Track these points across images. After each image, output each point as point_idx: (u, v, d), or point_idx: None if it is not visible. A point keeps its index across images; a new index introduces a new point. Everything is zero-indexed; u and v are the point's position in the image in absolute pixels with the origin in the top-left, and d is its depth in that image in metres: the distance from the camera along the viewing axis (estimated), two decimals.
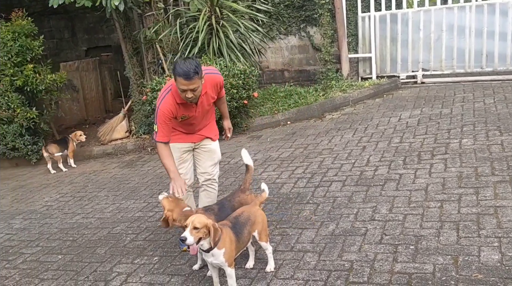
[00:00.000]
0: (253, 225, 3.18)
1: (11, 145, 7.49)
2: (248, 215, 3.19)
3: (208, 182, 3.87)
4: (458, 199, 3.84)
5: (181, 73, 3.19)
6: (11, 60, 7.21)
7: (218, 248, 2.92)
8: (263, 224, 3.24)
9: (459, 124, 5.68)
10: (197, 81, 3.24)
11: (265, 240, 3.25)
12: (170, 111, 3.41)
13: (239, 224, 3.12)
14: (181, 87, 3.26)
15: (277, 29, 9.13)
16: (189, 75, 3.18)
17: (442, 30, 8.08)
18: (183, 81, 3.21)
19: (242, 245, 3.13)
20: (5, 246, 4.58)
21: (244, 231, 3.11)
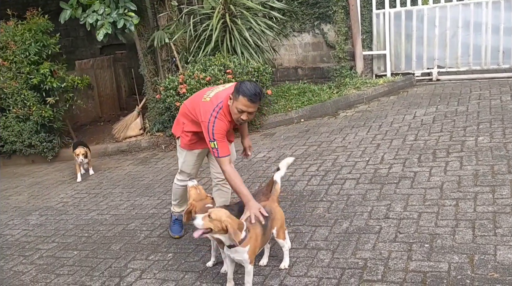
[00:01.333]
0: (273, 220, 3.17)
1: (27, 142, 7.60)
2: (270, 210, 3.18)
3: (222, 182, 3.85)
4: (474, 198, 3.79)
5: (249, 94, 3.16)
6: (28, 58, 7.31)
7: (243, 246, 2.92)
8: (281, 221, 3.24)
9: (475, 122, 5.61)
10: (257, 105, 3.26)
11: (282, 237, 3.25)
12: (225, 129, 3.40)
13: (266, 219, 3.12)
14: (241, 108, 3.22)
15: (291, 26, 9.11)
16: (255, 98, 3.19)
17: (458, 26, 7.98)
18: (246, 103, 3.19)
19: (265, 241, 3.14)
20: (21, 242, 4.65)
21: (268, 225, 3.11)
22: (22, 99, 7.31)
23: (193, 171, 3.88)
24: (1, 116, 7.59)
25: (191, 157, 3.81)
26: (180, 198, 4.05)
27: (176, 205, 4.10)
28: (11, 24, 7.55)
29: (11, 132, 7.56)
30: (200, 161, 3.92)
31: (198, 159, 3.86)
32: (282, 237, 3.25)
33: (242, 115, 3.27)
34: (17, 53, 7.29)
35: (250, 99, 3.18)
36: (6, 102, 7.44)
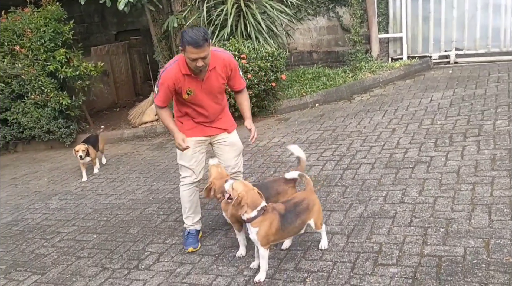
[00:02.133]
0: (310, 214, 3.15)
1: (46, 128, 7.73)
2: (308, 204, 3.15)
3: (233, 175, 3.74)
4: (491, 182, 3.76)
5: (191, 41, 3.13)
6: (44, 45, 7.38)
7: (252, 226, 2.97)
8: (319, 213, 3.22)
9: (493, 105, 5.53)
10: (207, 48, 3.20)
11: (319, 227, 3.25)
12: (173, 78, 3.38)
13: (295, 213, 3.09)
14: (191, 56, 3.20)
15: (305, 10, 9.01)
16: (199, 43, 3.14)
17: (476, 8, 7.81)
18: (193, 50, 3.16)
19: (287, 234, 3.13)
20: (43, 226, 4.76)
21: (296, 221, 3.08)
22: (39, 86, 7.42)
23: (192, 161, 3.63)
24: (20, 103, 7.71)
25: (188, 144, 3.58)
26: (189, 205, 3.76)
27: (187, 217, 3.81)
28: (27, 11, 7.62)
29: (30, 118, 7.69)
30: (200, 155, 3.68)
31: (196, 151, 3.64)
32: (319, 228, 3.25)
33: (196, 62, 3.22)
34: (33, 41, 7.37)
35: (196, 46, 3.14)
36: (25, 88, 7.55)
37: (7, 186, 6.45)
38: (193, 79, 3.41)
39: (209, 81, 3.46)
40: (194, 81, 3.42)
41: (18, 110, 7.73)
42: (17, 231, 4.73)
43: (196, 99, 3.51)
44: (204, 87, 3.46)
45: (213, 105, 3.59)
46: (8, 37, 7.54)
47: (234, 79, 3.61)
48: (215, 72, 3.46)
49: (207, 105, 3.56)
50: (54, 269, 3.79)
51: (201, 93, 3.48)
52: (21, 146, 8.46)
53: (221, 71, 3.48)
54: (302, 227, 3.18)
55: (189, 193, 3.72)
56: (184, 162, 3.66)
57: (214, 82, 3.49)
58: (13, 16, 7.67)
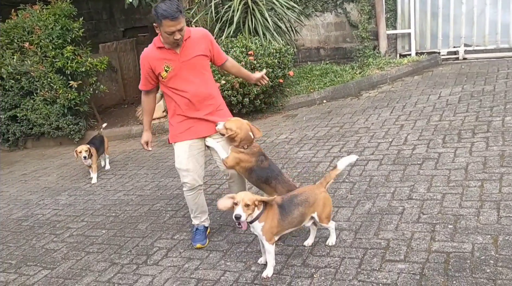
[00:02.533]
0: (311, 207, 3.13)
1: (55, 125, 7.79)
2: (307, 197, 3.14)
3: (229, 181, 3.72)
4: (500, 178, 3.75)
5: (167, 14, 3.12)
6: (53, 42, 7.43)
7: (259, 221, 2.99)
8: (324, 207, 3.17)
9: (502, 101, 5.50)
10: (182, 19, 3.19)
11: (325, 222, 3.22)
12: (149, 56, 3.40)
13: (291, 204, 3.10)
14: (168, 30, 3.18)
15: (313, 6, 8.99)
16: (174, 15, 3.13)
17: (485, 3, 7.76)
18: (169, 23, 3.14)
19: (288, 225, 3.12)
20: (52, 221, 4.81)
21: (294, 212, 3.09)
22: (48, 83, 7.47)
23: (189, 165, 3.53)
24: (29, 99, 7.77)
25: (181, 150, 3.55)
26: (194, 208, 3.72)
27: (194, 217, 3.78)
28: (36, 8, 7.68)
29: (39, 115, 7.75)
30: (197, 157, 3.58)
31: (191, 154, 3.54)
32: (325, 222, 3.21)
33: (174, 35, 3.21)
34: (42, 37, 7.42)
35: (172, 18, 3.13)
36: (34, 85, 7.61)
37: (17, 182, 6.52)
38: (169, 52, 3.37)
39: (186, 51, 3.39)
40: (170, 54, 3.38)
41: (27, 107, 7.80)
42: (27, 227, 4.78)
43: (177, 78, 3.42)
44: (182, 59, 3.39)
45: (197, 85, 3.45)
46: (18, 34, 7.60)
47: (217, 51, 3.58)
48: (191, 41, 3.40)
49: (191, 85, 3.43)
50: (64, 264, 3.83)
51: (180, 69, 3.40)
52: (30, 142, 8.54)
53: (198, 40, 3.43)
54: (304, 219, 3.15)
55: (193, 197, 3.67)
56: (181, 165, 3.56)
57: (191, 51, 3.40)
58: (22, 14, 7.73)
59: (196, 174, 3.58)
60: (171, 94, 3.51)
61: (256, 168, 3.46)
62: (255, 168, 3.46)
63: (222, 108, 3.65)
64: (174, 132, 3.61)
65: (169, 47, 3.36)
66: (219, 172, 5.15)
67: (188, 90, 3.44)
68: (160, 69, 3.40)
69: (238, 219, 2.88)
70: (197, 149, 3.59)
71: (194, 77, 3.45)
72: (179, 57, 3.39)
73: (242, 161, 3.46)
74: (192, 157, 3.55)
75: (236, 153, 3.46)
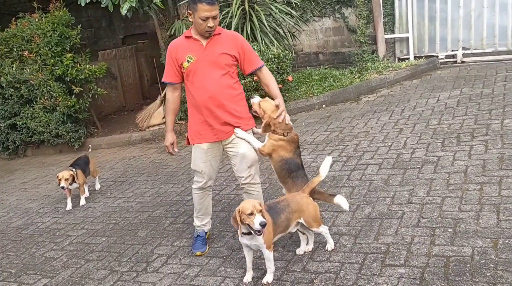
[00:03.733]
0: (294, 212, 3.14)
1: (55, 133, 7.79)
2: (288, 203, 3.16)
3: (247, 185, 3.59)
4: (499, 181, 3.75)
5: None
6: (52, 50, 7.46)
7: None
8: (309, 212, 3.16)
9: (501, 104, 5.50)
10: (217, 7, 3.20)
11: (315, 226, 3.21)
12: (175, 45, 3.41)
13: (276, 209, 3.12)
14: (203, 15, 3.15)
15: (311, 11, 9.03)
16: (213, 0, 3.13)
17: (483, 7, 7.79)
18: (206, 7, 3.12)
19: (279, 229, 3.13)
20: (52, 229, 4.81)
21: (281, 215, 3.11)
22: (48, 90, 7.49)
23: (205, 169, 3.53)
24: (29, 107, 7.79)
25: (199, 153, 3.53)
26: (199, 207, 3.72)
27: (197, 217, 3.78)
28: (35, 17, 7.71)
29: (39, 123, 7.76)
30: (213, 162, 3.57)
31: (209, 157, 3.53)
32: (315, 226, 3.21)
33: (207, 22, 3.18)
34: (41, 46, 7.44)
35: (209, 2, 3.12)
36: (34, 93, 7.63)
37: (17, 190, 6.52)
38: (195, 42, 3.35)
39: (212, 46, 3.34)
40: (195, 45, 3.35)
41: (27, 115, 7.81)
42: (27, 235, 4.78)
43: (198, 72, 3.34)
44: (206, 53, 3.33)
45: (218, 83, 3.35)
46: (17, 42, 7.63)
47: (248, 56, 3.45)
48: (220, 39, 3.35)
49: (212, 82, 3.34)
50: (64, 272, 3.82)
51: (203, 63, 3.33)
52: (30, 150, 8.54)
53: (227, 39, 3.38)
54: (289, 224, 3.15)
55: (199, 196, 3.68)
56: (197, 168, 3.57)
57: (217, 47, 3.34)
58: (21, 22, 7.76)
59: (208, 177, 3.60)
60: (190, 90, 3.43)
61: (290, 160, 3.34)
62: (290, 160, 3.34)
63: (243, 113, 3.51)
64: (192, 133, 3.55)
65: (197, 38, 3.33)
66: (218, 178, 5.16)
67: (208, 87, 3.36)
68: (182, 59, 3.36)
69: (264, 226, 2.84)
70: (213, 153, 3.55)
71: (216, 74, 3.36)
72: (204, 50, 3.34)
73: (281, 148, 3.34)
74: (208, 162, 3.55)
75: (275, 140, 3.35)
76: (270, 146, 3.36)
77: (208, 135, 3.49)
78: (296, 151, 3.38)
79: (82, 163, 5.54)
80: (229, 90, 3.42)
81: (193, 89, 3.42)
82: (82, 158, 5.69)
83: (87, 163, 5.61)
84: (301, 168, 3.42)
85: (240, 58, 3.43)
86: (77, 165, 5.47)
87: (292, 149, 3.36)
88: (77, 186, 5.32)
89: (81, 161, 5.59)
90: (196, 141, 3.54)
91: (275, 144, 3.35)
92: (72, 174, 5.21)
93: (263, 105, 3.40)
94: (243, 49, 3.43)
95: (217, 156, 3.60)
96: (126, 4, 6.06)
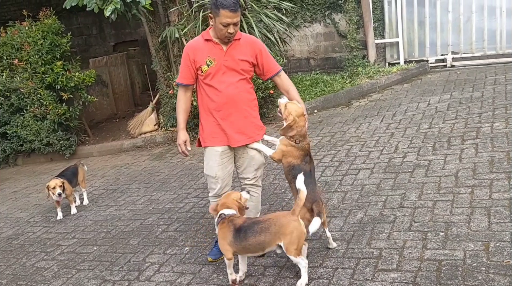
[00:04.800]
0: (274, 235, 2.94)
1: (45, 141, 7.74)
2: (269, 226, 2.96)
3: (249, 185, 3.56)
4: (490, 185, 3.77)
5: (228, 4, 3.08)
6: (42, 58, 7.42)
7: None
8: (291, 237, 2.90)
9: (491, 108, 5.54)
10: (239, 14, 3.17)
11: (293, 254, 2.93)
12: (194, 46, 3.32)
13: (250, 231, 2.98)
14: (225, 21, 3.11)
15: (302, 17, 9.06)
16: (236, 7, 3.10)
17: (471, 11, 7.86)
18: (228, 13, 3.09)
19: (244, 250, 3.05)
20: (43, 239, 4.76)
21: (250, 239, 2.97)
22: (38, 99, 7.44)
23: (219, 173, 3.43)
24: (19, 116, 7.73)
25: (213, 156, 3.43)
26: None
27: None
28: (25, 25, 7.67)
29: (29, 131, 7.70)
30: (227, 165, 3.47)
31: (224, 160, 3.44)
32: (293, 254, 2.93)
33: (228, 28, 3.15)
34: (31, 54, 7.41)
35: (232, 9, 3.09)
36: (24, 102, 7.58)
37: (7, 199, 6.45)
38: (215, 46, 3.29)
39: (233, 51, 3.31)
40: (216, 49, 3.29)
41: (17, 124, 7.75)
42: (17, 245, 4.73)
43: (216, 76, 3.30)
44: (226, 58, 3.29)
45: (234, 89, 3.33)
46: (7, 51, 7.58)
47: (267, 61, 3.42)
48: (239, 44, 3.33)
49: (228, 87, 3.31)
50: (55, 282, 3.78)
51: (221, 67, 3.30)
52: (21, 159, 8.48)
53: (247, 45, 3.36)
54: (264, 247, 3.00)
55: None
56: (211, 172, 3.46)
57: (237, 53, 3.32)
58: (11, 31, 7.72)
59: (224, 182, 3.48)
60: (206, 92, 3.37)
61: (297, 166, 3.27)
62: (297, 167, 3.27)
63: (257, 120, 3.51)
64: (206, 135, 3.46)
65: (218, 42, 3.29)
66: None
67: (224, 91, 3.32)
68: (201, 62, 3.29)
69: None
70: (227, 157, 3.47)
71: (233, 79, 3.33)
72: (224, 55, 3.29)
73: (289, 155, 3.28)
74: (222, 165, 3.44)
75: (285, 146, 3.29)
76: (280, 152, 3.32)
77: (222, 139, 3.42)
78: (305, 158, 3.31)
79: (69, 174, 5.42)
80: (247, 94, 3.42)
81: (211, 92, 3.35)
82: (70, 168, 5.58)
83: (75, 173, 5.48)
84: (308, 175, 3.26)
85: (258, 63, 3.41)
86: (63, 176, 5.36)
87: (301, 156, 3.29)
88: (64, 196, 5.22)
89: (69, 172, 5.47)
90: (210, 144, 3.44)
91: (285, 149, 3.30)
92: (62, 181, 5.14)
93: (289, 106, 3.29)
94: (261, 54, 3.41)
95: (231, 158, 3.51)
96: (110, 6, 5.97)
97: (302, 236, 2.95)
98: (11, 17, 8.20)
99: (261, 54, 3.41)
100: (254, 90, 3.53)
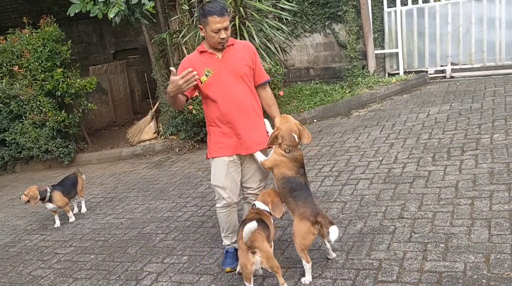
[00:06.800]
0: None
1: (44, 148, 7.72)
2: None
3: (251, 195, 3.55)
4: (490, 196, 3.75)
5: (214, 10, 3.08)
6: (42, 65, 7.43)
7: None
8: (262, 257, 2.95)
9: (490, 119, 5.55)
10: (228, 18, 3.16)
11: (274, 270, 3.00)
12: (190, 60, 3.31)
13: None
14: (215, 27, 3.11)
15: (302, 27, 9.10)
16: (222, 11, 3.09)
17: (471, 22, 7.89)
18: (217, 19, 3.09)
19: None
20: (40, 247, 4.72)
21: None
22: (38, 106, 7.44)
23: (226, 183, 3.38)
24: (18, 123, 7.72)
25: (219, 165, 3.39)
26: (227, 226, 3.53)
27: (225, 236, 3.60)
28: (26, 32, 7.69)
29: (28, 138, 7.69)
30: (234, 174, 3.43)
31: (230, 169, 3.40)
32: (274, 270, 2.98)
33: (220, 34, 3.13)
34: (31, 61, 7.42)
35: (219, 14, 3.09)
36: (23, 109, 7.57)
37: (5, 207, 6.42)
38: (211, 56, 3.28)
39: (228, 57, 3.29)
40: (211, 58, 3.28)
41: (16, 130, 7.74)
42: (14, 253, 4.69)
43: (216, 84, 3.27)
44: (223, 65, 3.27)
45: (237, 94, 3.29)
46: (7, 58, 7.59)
47: (259, 67, 3.43)
48: (234, 49, 3.31)
49: (230, 93, 3.27)
50: None
51: (221, 75, 3.26)
52: (19, 166, 8.45)
53: (242, 49, 3.35)
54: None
55: (226, 214, 3.48)
56: (218, 182, 3.40)
57: (233, 58, 3.30)
58: (12, 38, 7.74)
59: (232, 192, 3.42)
60: (210, 102, 3.34)
61: (292, 179, 3.20)
62: (292, 179, 3.20)
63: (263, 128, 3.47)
64: (212, 146, 3.42)
65: (212, 51, 3.28)
66: (210, 193, 5.12)
67: (234, 96, 3.29)
68: (200, 74, 3.23)
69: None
70: (234, 166, 3.42)
71: (234, 85, 3.30)
72: (221, 62, 3.28)
73: (281, 165, 3.23)
74: (229, 175, 3.39)
75: (278, 155, 3.24)
76: (272, 161, 3.28)
77: (228, 149, 3.38)
78: (300, 170, 3.25)
79: (69, 184, 5.31)
80: (253, 99, 3.41)
81: (214, 101, 3.31)
82: (70, 177, 5.45)
83: (74, 184, 5.38)
84: (305, 188, 3.23)
85: (253, 65, 3.40)
86: (62, 185, 5.26)
87: (295, 167, 3.22)
88: (53, 207, 5.12)
89: (69, 182, 5.36)
90: (216, 154, 3.40)
91: (277, 159, 3.25)
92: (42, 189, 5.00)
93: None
94: (256, 58, 3.41)
95: (238, 167, 3.46)
96: (114, 9, 5.97)
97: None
98: (12, 25, 8.23)
99: (256, 57, 3.42)
100: (255, 92, 3.48)
